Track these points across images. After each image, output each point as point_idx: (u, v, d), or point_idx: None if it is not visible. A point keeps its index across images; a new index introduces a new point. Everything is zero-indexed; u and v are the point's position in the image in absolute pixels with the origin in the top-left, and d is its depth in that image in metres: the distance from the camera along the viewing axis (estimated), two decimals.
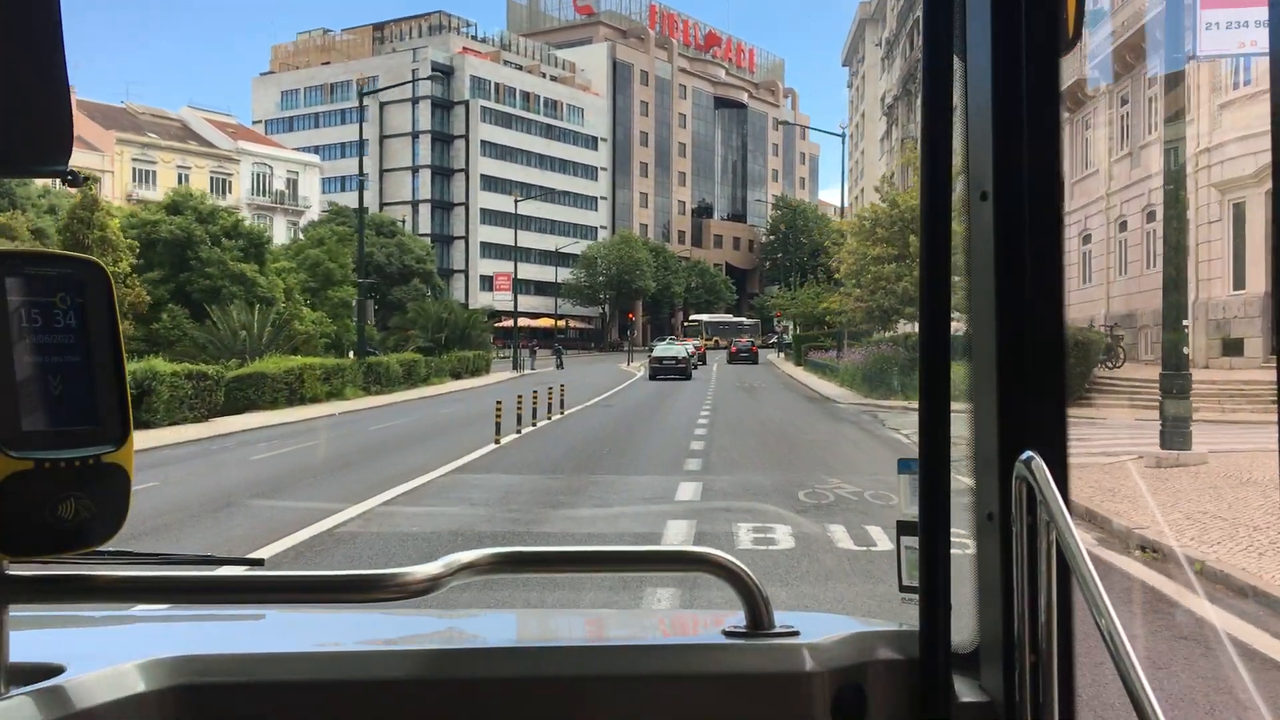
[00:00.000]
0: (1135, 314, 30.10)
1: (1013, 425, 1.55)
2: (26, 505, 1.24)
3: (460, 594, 2.47)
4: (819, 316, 66.97)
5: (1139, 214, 30.07)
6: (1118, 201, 32.24)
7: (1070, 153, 35.91)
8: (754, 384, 43.91)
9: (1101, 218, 33.72)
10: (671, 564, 3.01)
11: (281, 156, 79.92)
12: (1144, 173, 29.85)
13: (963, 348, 1.62)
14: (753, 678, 1.65)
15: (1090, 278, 35.21)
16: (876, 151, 78.80)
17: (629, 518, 11.69)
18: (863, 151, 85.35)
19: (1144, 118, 30.28)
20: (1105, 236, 33.11)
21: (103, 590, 1.51)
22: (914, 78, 56.49)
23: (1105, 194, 32.97)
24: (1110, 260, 32.76)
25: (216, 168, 75.29)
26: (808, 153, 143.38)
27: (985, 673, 1.65)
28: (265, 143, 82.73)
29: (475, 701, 1.61)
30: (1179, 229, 15.87)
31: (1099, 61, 33.44)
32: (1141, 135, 30.62)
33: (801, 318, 68.47)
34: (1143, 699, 1.20)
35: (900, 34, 69.66)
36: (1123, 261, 32.39)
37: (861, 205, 55.86)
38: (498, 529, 10.89)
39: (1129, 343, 29.46)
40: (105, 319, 1.31)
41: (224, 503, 12.94)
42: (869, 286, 33.64)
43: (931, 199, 1.61)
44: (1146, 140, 30.10)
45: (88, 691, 1.43)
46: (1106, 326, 29.10)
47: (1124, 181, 31.73)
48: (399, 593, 1.56)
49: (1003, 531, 1.56)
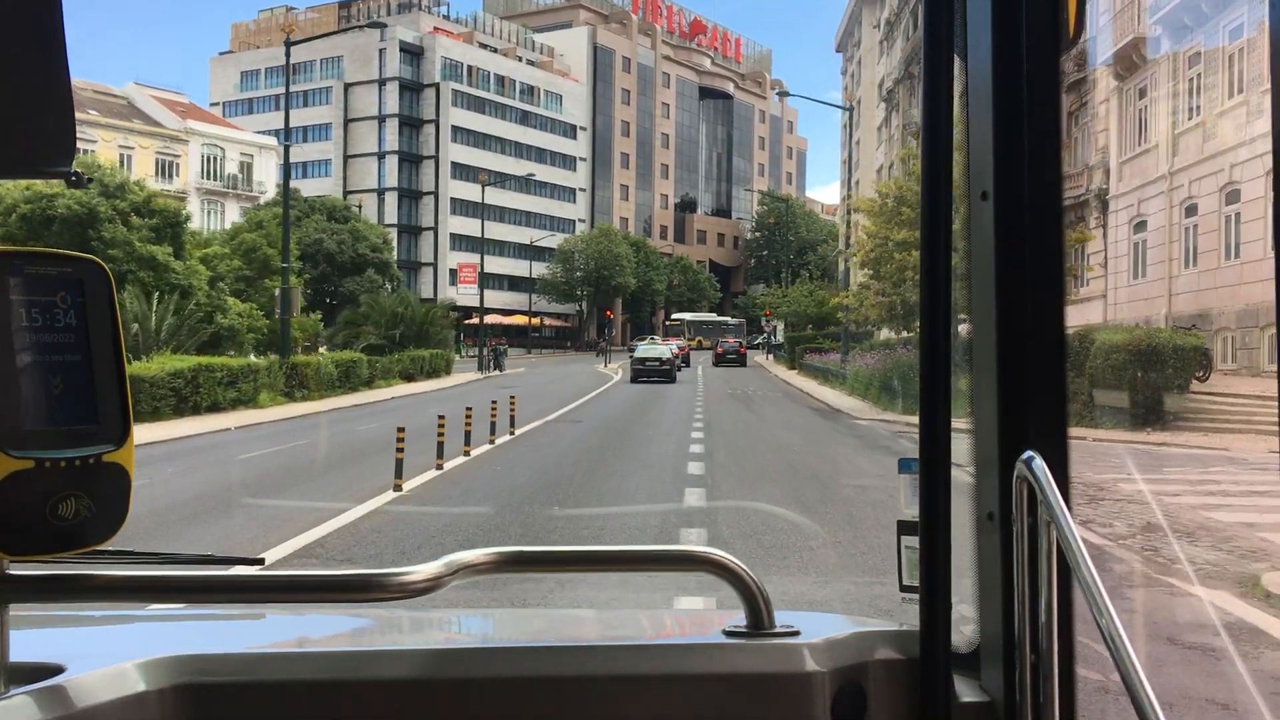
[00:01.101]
0: (1209, 314, 25.09)
1: (1013, 425, 1.56)
2: (27, 504, 1.24)
3: (460, 594, 2.49)
4: (814, 315, 61.92)
5: (1215, 194, 25.00)
6: (1184, 181, 27.17)
7: (1119, 127, 31.12)
8: (748, 391, 38.66)
9: (1161, 201, 28.65)
10: (672, 564, 2.54)
11: (235, 138, 74.37)
12: (1221, 145, 25.03)
13: (963, 347, 1.63)
14: (753, 678, 1.64)
15: (1144, 272, 30.25)
16: (874, 141, 73.76)
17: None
18: (857, 142, 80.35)
19: (1224, 77, 25.54)
20: (1166, 223, 28.13)
21: (103, 590, 1.50)
22: (916, 58, 51.49)
23: (1167, 173, 28.03)
24: (1173, 250, 27.80)
25: (163, 148, 69.94)
26: (795, 147, 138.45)
27: (985, 673, 1.66)
28: (218, 123, 77.12)
29: (475, 701, 1.61)
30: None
31: (1162, 15, 28.83)
32: (1221, 100, 25.73)
33: (794, 317, 63.36)
34: (1143, 699, 1.20)
35: (902, 13, 64.75)
36: (1190, 252, 27.33)
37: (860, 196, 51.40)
38: None
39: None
40: (106, 318, 1.32)
41: None
42: (891, 278, 28.10)
43: (931, 199, 1.60)
44: (1227, 106, 25.23)
45: (88, 691, 1.43)
46: (1182, 329, 24.15)
47: (1193, 157, 26.69)
48: (399, 593, 1.56)
49: (1003, 531, 1.57)
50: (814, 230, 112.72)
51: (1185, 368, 18.64)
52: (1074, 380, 21.27)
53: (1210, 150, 25.98)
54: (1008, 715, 1.58)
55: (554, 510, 12.18)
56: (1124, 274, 30.79)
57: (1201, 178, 26.19)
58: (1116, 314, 30.30)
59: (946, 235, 1.59)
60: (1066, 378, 1.56)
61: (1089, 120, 30.58)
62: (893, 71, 65.81)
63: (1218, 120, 26.13)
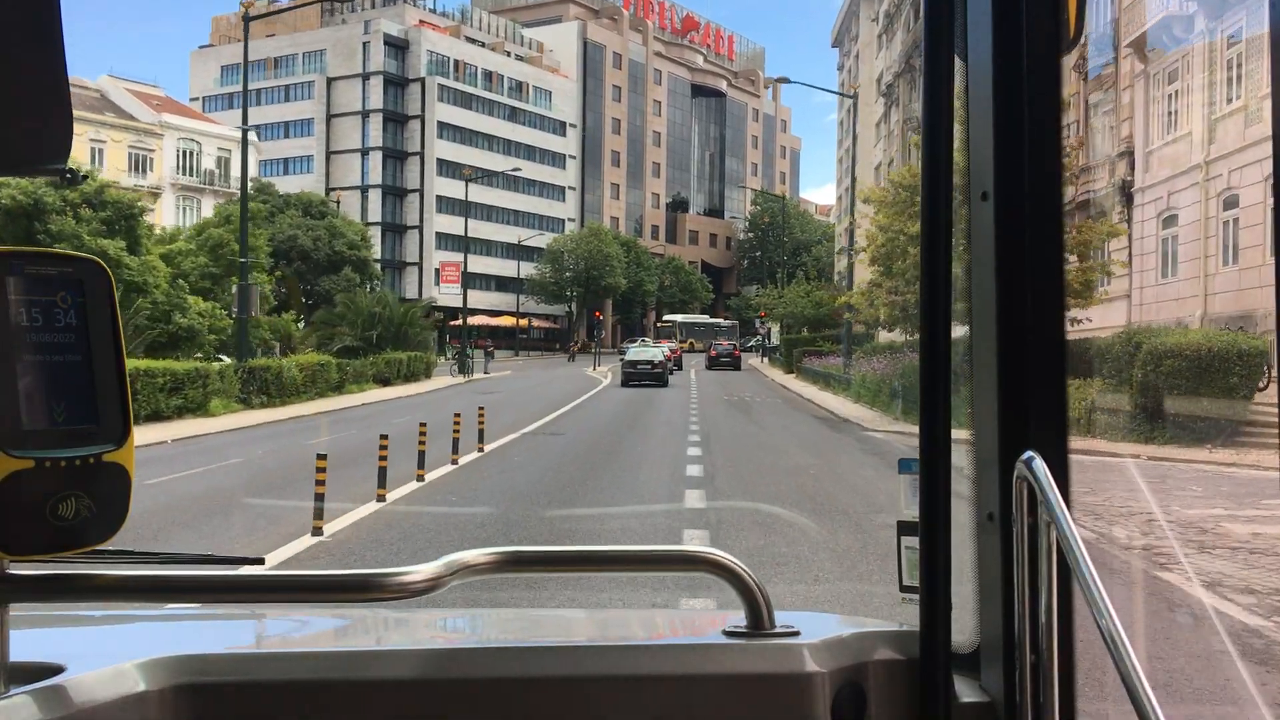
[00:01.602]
0: (1253, 315, 23.00)
1: (1013, 425, 1.57)
2: (27, 504, 1.24)
3: (460, 594, 2.32)
4: (811, 316, 59.67)
5: (1260, 184, 22.81)
6: (1223, 170, 25.02)
7: (1145, 114, 29.07)
8: (745, 397, 36.40)
9: (1194, 193, 26.59)
10: (672, 564, 2.71)
11: (212, 132, 71.85)
12: (1265, 130, 22.74)
13: (963, 347, 1.63)
14: (753, 678, 1.65)
15: (1175, 270, 28.22)
16: (872, 138, 71.53)
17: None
18: (855, 137, 78.23)
19: (1267, 59, 23.45)
20: (1200, 216, 26.07)
21: (103, 590, 1.50)
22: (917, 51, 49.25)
23: (1202, 162, 25.94)
24: (1209, 246, 25.73)
25: (136, 142, 67.45)
26: (789, 146, 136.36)
27: (985, 673, 1.67)
28: (195, 117, 74.66)
29: (475, 701, 1.60)
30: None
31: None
32: (1264, 81, 23.59)
33: (789, 318, 61.14)
34: (1143, 699, 1.21)
35: (902, 5, 62.65)
36: (1230, 247, 25.23)
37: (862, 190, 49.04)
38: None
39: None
40: (106, 318, 1.32)
41: None
42: (904, 274, 25.70)
43: (931, 199, 1.61)
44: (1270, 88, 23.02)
45: (88, 691, 1.43)
46: (1230, 331, 21.98)
47: (1233, 144, 24.51)
48: (399, 593, 1.56)
49: (1003, 531, 1.57)
50: (808, 231, 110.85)
51: (1251, 375, 16.37)
52: (1115, 389, 18.96)
53: (1254, 136, 23.79)
54: (1008, 715, 1.58)
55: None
56: (1151, 272, 28.77)
57: (1243, 166, 24.04)
58: (1143, 315, 28.33)
59: (946, 235, 1.60)
60: (1067, 377, 1.55)
61: (1110, 108, 28.70)
62: (892, 65, 63.64)
63: (1262, 104, 24.12)
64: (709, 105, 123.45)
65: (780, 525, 11.69)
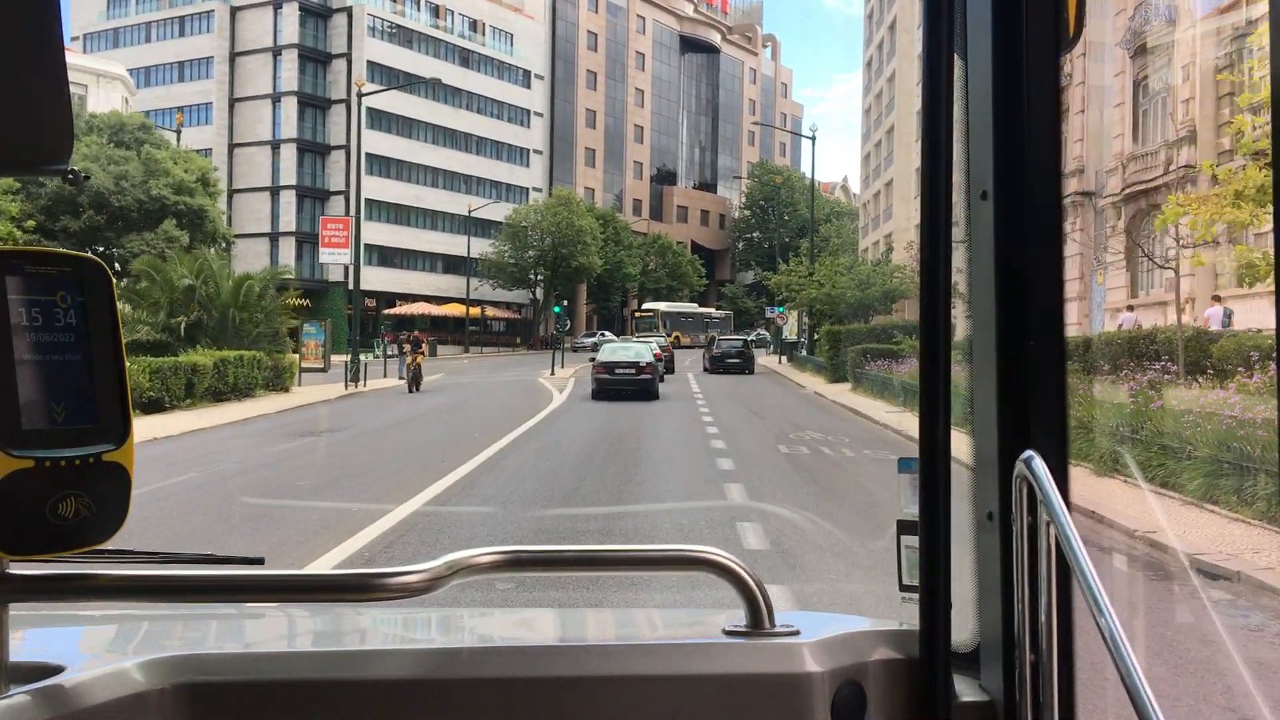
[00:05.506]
0: None
1: (1013, 425, 1.56)
2: (27, 504, 1.24)
3: (460, 594, 2.33)
4: (853, 302, 43.64)
5: None
6: None
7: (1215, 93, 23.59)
8: (796, 434, 19.90)
9: None
10: (672, 564, 2.38)
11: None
12: None
13: (963, 347, 1.62)
14: (753, 677, 1.64)
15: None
16: (912, 102, 55.03)
17: None
18: (886, 104, 61.97)
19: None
20: None
21: (103, 589, 1.51)
22: None
23: None
24: None
25: None
26: (790, 113, 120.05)
27: (985, 672, 1.66)
28: None
29: (475, 701, 1.60)
30: None
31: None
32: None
33: (818, 303, 44.82)
34: (1143, 699, 1.21)
35: None
36: None
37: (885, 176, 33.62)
38: None
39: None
40: (106, 318, 1.32)
41: None
42: None
43: (931, 199, 1.60)
44: None
45: (88, 690, 1.43)
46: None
47: None
48: (399, 593, 1.56)
49: (1003, 531, 1.57)
50: (817, 208, 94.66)
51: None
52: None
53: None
54: (1007, 715, 1.57)
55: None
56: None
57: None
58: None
59: (946, 235, 1.60)
60: (1067, 377, 1.55)
61: (1163, 91, 23.91)
62: None
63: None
64: (699, 62, 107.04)
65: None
